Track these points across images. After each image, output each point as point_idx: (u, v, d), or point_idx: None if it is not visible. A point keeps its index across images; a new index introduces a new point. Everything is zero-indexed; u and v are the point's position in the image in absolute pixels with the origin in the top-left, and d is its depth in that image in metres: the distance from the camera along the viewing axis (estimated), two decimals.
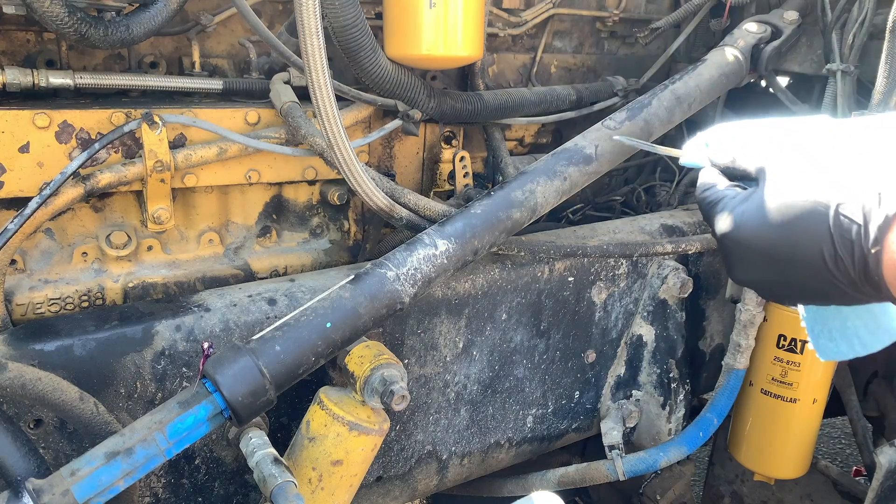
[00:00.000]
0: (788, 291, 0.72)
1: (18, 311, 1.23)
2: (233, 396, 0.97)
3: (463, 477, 1.66)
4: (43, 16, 1.05)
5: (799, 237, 0.67)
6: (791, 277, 0.70)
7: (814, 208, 0.66)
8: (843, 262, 0.65)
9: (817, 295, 0.71)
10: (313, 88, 1.05)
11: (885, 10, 1.39)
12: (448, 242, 1.18)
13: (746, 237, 0.73)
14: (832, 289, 0.67)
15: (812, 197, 0.66)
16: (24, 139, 1.15)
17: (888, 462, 1.69)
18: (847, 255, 0.64)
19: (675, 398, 1.75)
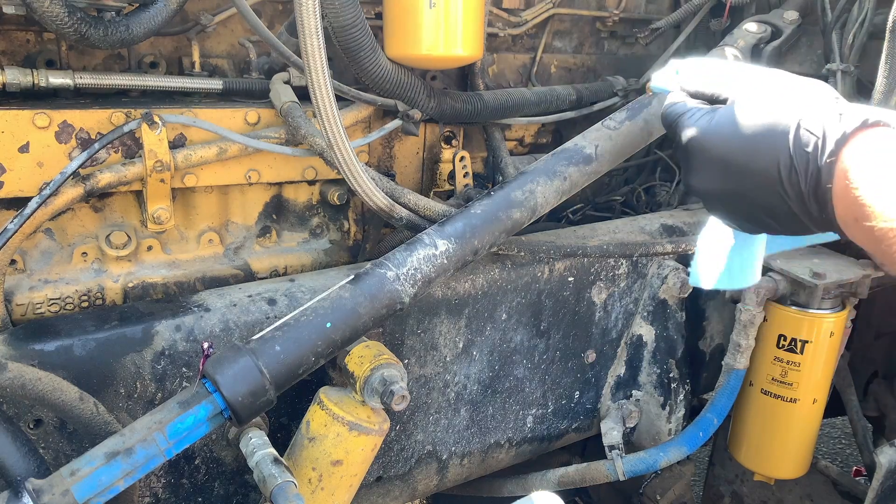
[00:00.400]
0: (739, 203, 0.74)
1: (18, 311, 1.23)
2: (233, 396, 0.97)
3: (463, 477, 1.66)
4: (43, 16, 1.05)
5: (759, 148, 0.69)
6: (745, 188, 0.72)
7: (776, 122, 0.68)
8: (797, 173, 0.66)
9: (764, 209, 0.72)
10: (313, 88, 1.05)
11: (885, 10, 1.39)
12: (448, 242, 1.18)
13: (710, 145, 0.75)
14: (780, 203, 0.69)
15: (776, 112, 0.69)
16: (24, 139, 1.15)
17: (888, 462, 1.69)
18: (802, 166, 0.66)
19: (675, 398, 1.75)
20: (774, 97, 0.71)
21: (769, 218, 0.73)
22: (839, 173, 0.63)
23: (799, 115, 0.67)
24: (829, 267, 1.65)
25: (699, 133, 0.76)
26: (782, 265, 1.65)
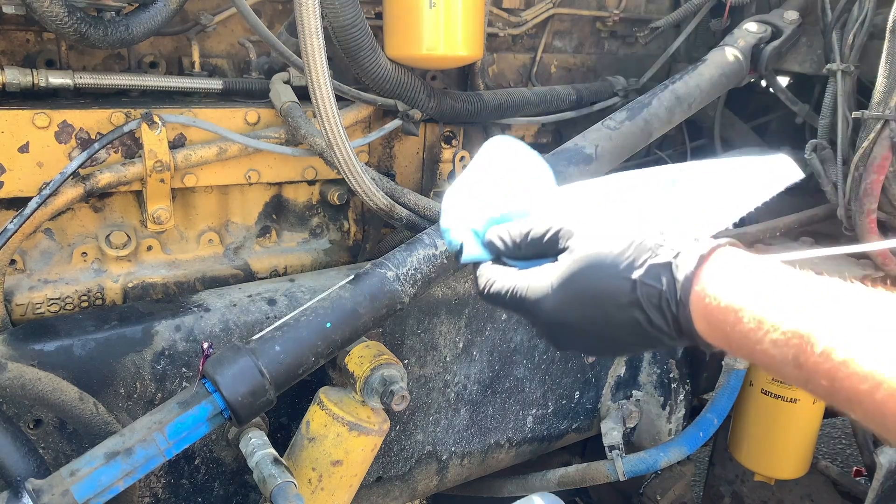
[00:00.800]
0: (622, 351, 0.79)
1: (18, 311, 1.23)
2: (233, 397, 0.97)
3: (463, 477, 1.66)
4: (43, 16, 1.05)
5: (614, 314, 0.69)
6: (620, 344, 0.73)
7: (619, 286, 0.68)
8: (659, 324, 0.68)
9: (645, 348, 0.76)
10: (313, 88, 1.05)
11: (885, 10, 1.39)
12: None
13: (568, 322, 0.73)
14: (658, 342, 0.70)
15: (613, 276, 0.69)
16: (23, 139, 1.15)
17: (888, 462, 1.69)
18: (660, 318, 0.67)
19: (675, 398, 1.75)
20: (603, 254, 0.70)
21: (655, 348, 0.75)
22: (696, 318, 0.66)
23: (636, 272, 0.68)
24: (829, 267, 1.65)
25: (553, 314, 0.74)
26: None
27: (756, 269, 0.65)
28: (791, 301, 0.61)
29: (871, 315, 0.58)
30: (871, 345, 0.56)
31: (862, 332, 0.57)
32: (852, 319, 0.58)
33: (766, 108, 2.24)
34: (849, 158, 1.56)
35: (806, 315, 0.60)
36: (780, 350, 0.60)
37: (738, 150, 2.03)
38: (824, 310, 0.60)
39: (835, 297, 0.61)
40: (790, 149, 2.07)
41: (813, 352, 0.58)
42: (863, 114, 1.47)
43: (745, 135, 2.17)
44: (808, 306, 0.60)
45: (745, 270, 0.65)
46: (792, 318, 0.60)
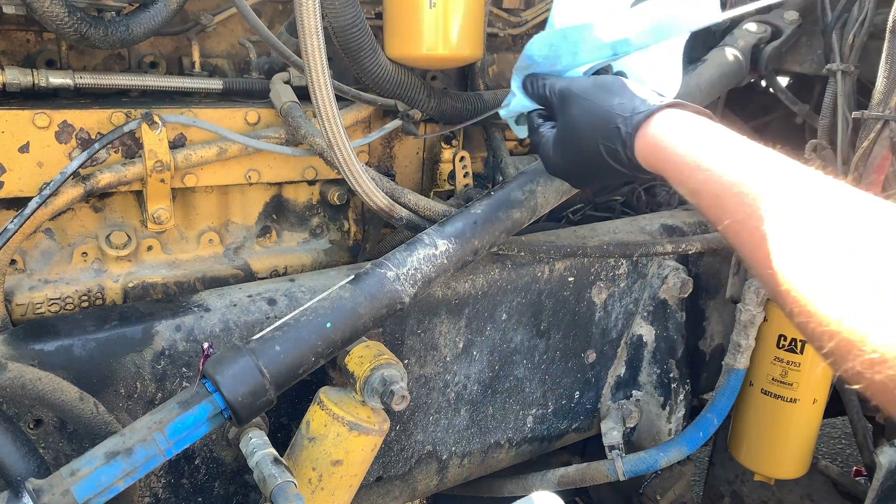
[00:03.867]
0: (590, 177, 1.13)
1: (18, 311, 1.23)
2: (233, 396, 0.97)
3: (463, 477, 1.66)
4: (43, 16, 1.05)
5: (591, 160, 1.02)
6: (592, 171, 1.08)
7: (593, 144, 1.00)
8: (620, 158, 0.97)
9: (606, 178, 1.14)
10: (313, 88, 1.05)
11: (885, 10, 1.39)
12: (448, 242, 1.18)
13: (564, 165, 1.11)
14: (617, 173, 1.01)
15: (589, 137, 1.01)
16: (24, 139, 1.15)
17: (888, 462, 1.69)
18: (621, 154, 0.97)
19: (675, 398, 1.75)
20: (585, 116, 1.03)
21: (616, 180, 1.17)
22: (639, 154, 0.95)
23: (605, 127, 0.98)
24: None
25: (553, 153, 1.11)
26: None
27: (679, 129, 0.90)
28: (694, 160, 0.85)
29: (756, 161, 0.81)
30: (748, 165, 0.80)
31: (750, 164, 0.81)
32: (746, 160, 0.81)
33: (766, 108, 2.24)
34: (849, 158, 1.56)
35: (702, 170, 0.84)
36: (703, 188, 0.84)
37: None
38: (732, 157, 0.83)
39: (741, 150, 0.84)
40: (790, 149, 2.07)
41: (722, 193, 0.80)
42: (863, 114, 1.47)
43: (745, 135, 2.17)
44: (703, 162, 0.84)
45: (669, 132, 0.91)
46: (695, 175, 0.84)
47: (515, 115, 1.26)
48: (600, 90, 1.02)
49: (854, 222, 0.67)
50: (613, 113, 0.96)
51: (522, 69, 1.18)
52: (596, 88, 1.03)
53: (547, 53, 1.14)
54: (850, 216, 0.68)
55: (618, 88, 1.01)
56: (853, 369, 0.61)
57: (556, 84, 1.10)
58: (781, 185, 0.75)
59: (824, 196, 0.72)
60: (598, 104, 1.00)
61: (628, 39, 1.10)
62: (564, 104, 1.07)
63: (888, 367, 0.58)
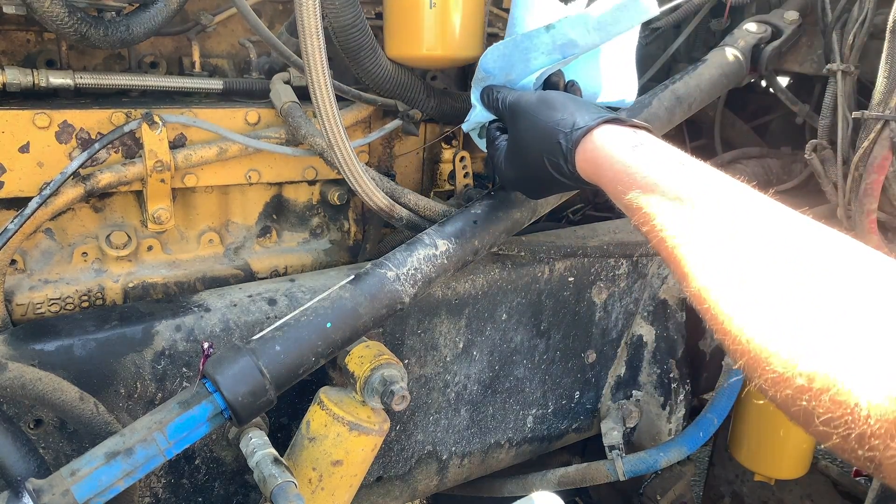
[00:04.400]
0: (539, 189, 1.16)
1: (18, 311, 1.23)
2: (233, 396, 0.97)
3: (463, 477, 1.66)
4: (43, 16, 1.05)
5: (537, 172, 1.06)
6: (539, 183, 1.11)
7: (538, 159, 1.04)
8: (563, 171, 1.01)
9: (553, 190, 1.16)
10: (313, 88, 1.05)
11: (885, 10, 1.39)
12: (448, 242, 1.18)
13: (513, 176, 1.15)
14: (563, 185, 1.05)
15: (534, 152, 1.05)
16: (24, 139, 1.15)
17: None
18: (563, 168, 1.00)
19: (675, 398, 1.75)
20: (530, 131, 1.07)
21: (560, 190, 1.17)
22: (580, 168, 0.98)
23: (549, 142, 1.02)
24: None
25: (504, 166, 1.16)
26: None
27: (613, 145, 0.93)
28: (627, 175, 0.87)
29: None
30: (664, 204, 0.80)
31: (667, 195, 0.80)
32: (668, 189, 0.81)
33: (766, 108, 2.24)
34: (849, 158, 1.56)
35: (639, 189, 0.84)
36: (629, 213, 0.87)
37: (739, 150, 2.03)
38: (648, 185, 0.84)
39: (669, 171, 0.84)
40: (790, 149, 2.07)
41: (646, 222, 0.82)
42: (863, 114, 1.47)
43: (745, 135, 2.17)
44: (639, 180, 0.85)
45: (604, 147, 0.93)
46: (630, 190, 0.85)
47: (477, 128, 1.29)
48: (544, 106, 1.06)
49: (767, 239, 0.69)
50: (556, 129, 1.00)
51: (480, 81, 1.20)
52: (540, 104, 1.07)
53: (501, 64, 1.16)
54: (763, 230, 0.70)
55: (559, 104, 1.04)
56: (760, 385, 0.63)
57: (508, 97, 1.14)
58: (700, 207, 0.76)
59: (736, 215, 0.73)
60: (543, 120, 1.04)
61: (574, 41, 1.12)
62: (514, 118, 1.11)
63: (789, 386, 0.59)
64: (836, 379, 0.56)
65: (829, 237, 0.67)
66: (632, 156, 0.89)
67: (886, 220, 1.63)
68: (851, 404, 0.54)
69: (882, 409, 0.53)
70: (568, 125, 0.99)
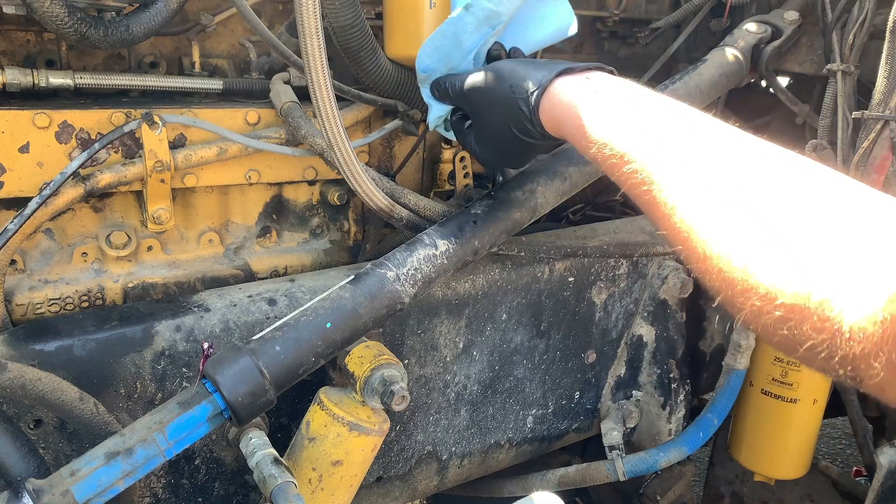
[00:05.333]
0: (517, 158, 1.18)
1: (18, 311, 1.23)
2: (233, 397, 0.97)
3: (463, 477, 1.66)
4: (43, 16, 1.05)
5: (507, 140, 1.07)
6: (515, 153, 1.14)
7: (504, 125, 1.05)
8: (532, 134, 1.03)
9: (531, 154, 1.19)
10: (313, 88, 1.05)
11: (886, 10, 1.39)
12: (448, 242, 1.18)
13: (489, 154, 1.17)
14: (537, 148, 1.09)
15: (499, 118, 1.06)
16: (24, 139, 1.15)
17: (888, 462, 1.69)
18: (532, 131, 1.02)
19: (675, 398, 1.75)
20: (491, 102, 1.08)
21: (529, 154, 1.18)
22: (545, 120, 0.99)
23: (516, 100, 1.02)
24: None
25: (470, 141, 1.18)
26: None
27: (575, 93, 0.94)
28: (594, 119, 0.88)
29: None
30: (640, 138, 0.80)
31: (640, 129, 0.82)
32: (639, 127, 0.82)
33: (766, 108, 2.23)
34: (849, 159, 1.56)
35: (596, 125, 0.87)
36: (596, 159, 0.87)
37: None
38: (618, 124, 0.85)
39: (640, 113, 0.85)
40: (790, 149, 2.07)
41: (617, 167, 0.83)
42: (863, 114, 1.47)
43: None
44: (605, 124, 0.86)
45: (568, 96, 0.95)
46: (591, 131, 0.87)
47: (440, 123, 1.30)
48: (495, 78, 1.07)
49: (744, 169, 0.70)
50: (513, 96, 1.02)
51: (423, 80, 1.23)
52: (490, 79, 1.08)
53: (437, 56, 1.18)
54: (739, 161, 0.72)
55: (508, 72, 1.05)
56: (744, 318, 0.64)
57: (457, 83, 1.15)
58: (667, 146, 0.77)
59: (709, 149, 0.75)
60: (497, 93, 1.05)
61: (495, 11, 1.14)
62: (470, 101, 1.13)
63: (771, 313, 0.60)
64: (817, 302, 0.56)
65: (806, 164, 0.69)
66: (592, 103, 0.89)
67: None
68: (833, 328, 0.55)
69: (864, 330, 0.53)
70: (523, 90, 1.00)
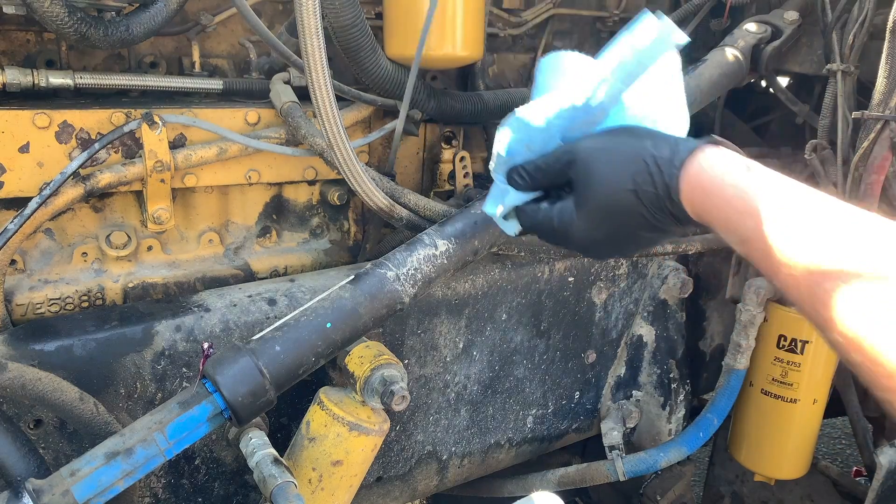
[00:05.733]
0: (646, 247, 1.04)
1: (18, 311, 1.23)
2: (233, 397, 0.97)
3: (463, 477, 1.66)
4: (43, 16, 1.05)
5: (627, 221, 0.87)
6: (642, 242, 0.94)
7: (624, 199, 0.86)
8: (662, 219, 0.85)
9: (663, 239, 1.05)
10: (313, 88, 1.05)
11: (885, 10, 1.39)
12: (448, 242, 1.18)
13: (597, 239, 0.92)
14: (667, 233, 0.89)
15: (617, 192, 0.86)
16: (24, 139, 1.15)
17: (888, 462, 1.69)
18: (661, 215, 0.85)
19: (675, 398, 1.75)
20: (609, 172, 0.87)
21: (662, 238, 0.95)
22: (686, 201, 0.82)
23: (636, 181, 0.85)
24: None
25: (564, 214, 0.93)
26: None
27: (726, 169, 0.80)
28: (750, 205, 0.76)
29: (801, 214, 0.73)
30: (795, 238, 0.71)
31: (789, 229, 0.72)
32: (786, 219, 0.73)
33: (766, 108, 2.24)
34: (849, 159, 1.56)
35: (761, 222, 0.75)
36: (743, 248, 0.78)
37: None
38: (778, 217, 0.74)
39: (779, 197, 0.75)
40: (790, 149, 2.07)
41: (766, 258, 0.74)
42: (863, 114, 1.47)
43: (745, 135, 2.17)
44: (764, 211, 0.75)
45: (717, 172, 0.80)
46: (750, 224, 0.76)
47: (507, 213, 1.07)
48: (626, 137, 0.89)
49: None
50: (649, 155, 0.84)
51: (504, 164, 1.01)
52: (619, 137, 0.89)
53: (527, 142, 0.99)
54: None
55: (644, 132, 0.89)
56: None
57: (562, 153, 0.93)
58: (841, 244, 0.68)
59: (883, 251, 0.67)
60: (629, 151, 0.86)
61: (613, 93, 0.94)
62: (582, 166, 0.90)
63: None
64: None
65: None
66: (747, 179, 0.77)
67: None
68: None
69: None
70: (665, 150, 0.83)
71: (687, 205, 0.82)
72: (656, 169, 0.83)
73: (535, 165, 0.96)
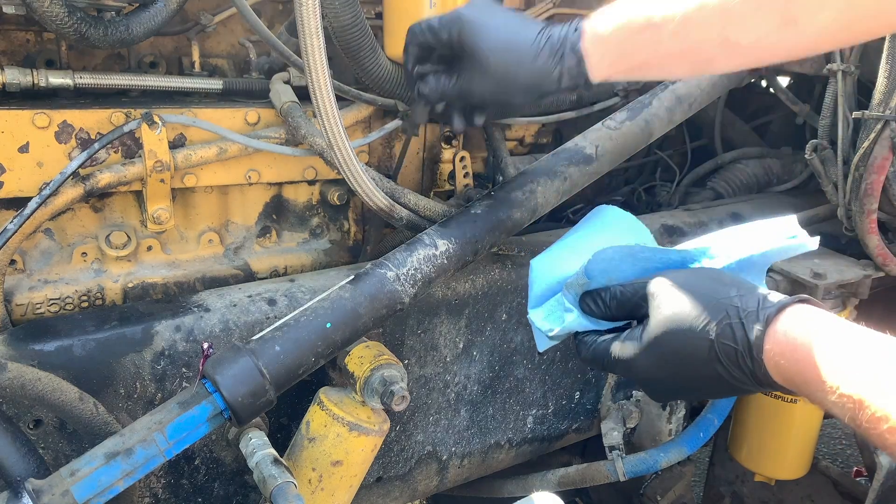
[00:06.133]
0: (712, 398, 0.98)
1: (18, 311, 1.23)
2: (233, 397, 0.97)
3: (463, 477, 1.66)
4: (43, 16, 1.05)
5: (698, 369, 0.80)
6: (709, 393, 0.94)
7: (699, 346, 0.79)
8: (740, 377, 0.78)
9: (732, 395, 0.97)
10: (313, 88, 1.05)
11: None
12: (448, 242, 1.18)
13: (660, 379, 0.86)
14: (741, 391, 0.82)
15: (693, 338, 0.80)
16: (23, 139, 1.15)
17: (889, 462, 1.69)
18: (739, 373, 0.78)
19: None
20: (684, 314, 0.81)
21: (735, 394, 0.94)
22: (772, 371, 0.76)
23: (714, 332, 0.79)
24: (830, 267, 1.65)
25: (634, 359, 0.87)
26: (782, 265, 1.65)
27: (818, 329, 0.74)
28: (847, 364, 0.70)
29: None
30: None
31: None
32: None
33: (766, 108, 2.24)
34: (849, 158, 1.56)
35: (860, 379, 0.68)
36: (839, 409, 0.70)
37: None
38: (877, 375, 0.68)
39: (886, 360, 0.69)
40: (790, 149, 2.07)
41: (864, 416, 0.67)
42: (863, 114, 1.47)
43: (746, 135, 2.17)
44: (862, 370, 0.69)
45: (808, 332, 0.74)
46: (848, 382, 0.69)
47: (564, 335, 1.05)
48: (710, 280, 0.83)
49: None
50: (732, 306, 0.78)
51: (579, 286, 0.98)
52: (702, 279, 0.84)
53: (607, 268, 0.96)
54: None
55: (730, 279, 0.83)
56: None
57: (641, 286, 0.90)
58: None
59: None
60: (711, 296, 0.80)
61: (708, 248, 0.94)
62: (658, 302, 0.85)
63: None
64: None
65: None
66: (841, 350, 0.71)
67: (886, 220, 1.63)
68: None
69: None
70: (751, 302, 0.77)
71: (770, 366, 0.75)
72: (738, 321, 0.77)
73: (611, 294, 0.92)
